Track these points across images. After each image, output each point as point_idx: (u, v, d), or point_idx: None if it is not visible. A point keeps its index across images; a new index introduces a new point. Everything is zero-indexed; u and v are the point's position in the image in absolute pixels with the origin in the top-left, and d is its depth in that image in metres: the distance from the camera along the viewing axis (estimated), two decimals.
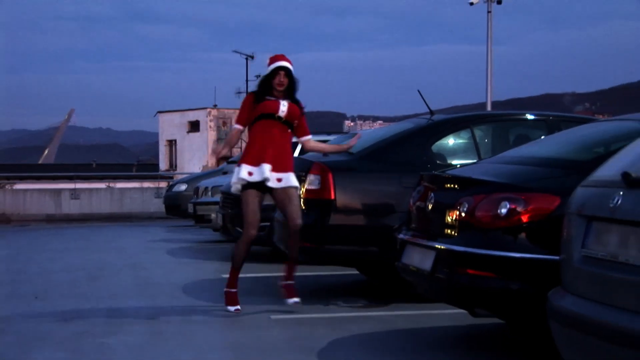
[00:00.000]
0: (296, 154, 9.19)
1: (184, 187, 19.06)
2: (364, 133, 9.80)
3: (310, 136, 7.60)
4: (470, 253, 5.27)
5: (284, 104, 7.31)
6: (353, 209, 7.61)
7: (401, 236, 6.34)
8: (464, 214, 5.38)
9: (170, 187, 20.59)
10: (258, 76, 57.65)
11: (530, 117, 8.67)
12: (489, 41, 35.65)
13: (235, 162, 16.98)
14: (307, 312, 7.10)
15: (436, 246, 5.57)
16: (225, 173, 16.74)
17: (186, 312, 7.48)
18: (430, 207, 5.84)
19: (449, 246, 5.44)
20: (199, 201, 15.22)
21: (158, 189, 25.61)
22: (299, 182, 7.46)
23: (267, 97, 7.35)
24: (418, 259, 5.83)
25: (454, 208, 5.48)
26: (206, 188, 15.32)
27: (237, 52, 56.91)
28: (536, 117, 8.61)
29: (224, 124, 48.66)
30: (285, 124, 7.34)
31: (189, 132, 49.75)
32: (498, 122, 8.65)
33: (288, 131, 7.40)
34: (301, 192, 7.61)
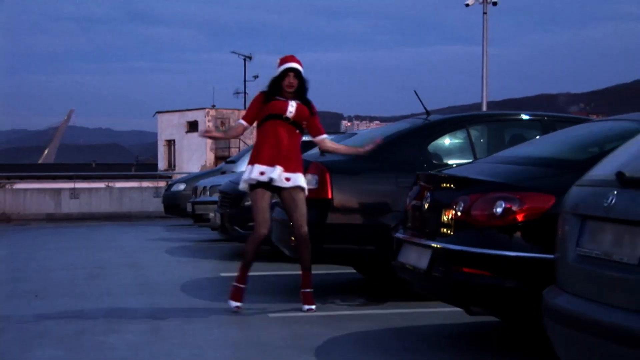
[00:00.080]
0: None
1: (182, 186, 19.05)
2: (361, 133, 9.80)
3: (325, 135, 7.53)
4: (466, 252, 5.27)
5: (292, 105, 7.27)
6: (350, 208, 7.61)
7: (398, 235, 6.35)
8: (460, 213, 5.38)
9: (169, 186, 20.58)
10: (256, 76, 57.76)
11: (526, 117, 8.68)
12: (484, 42, 35.67)
13: (234, 161, 17.02)
14: (304, 311, 7.09)
15: (432, 245, 5.57)
16: (223, 173, 16.74)
17: (185, 310, 7.48)
18: (426, 207, 5.84)
19: (445, 245, 5.44)
20: (197, 200, 15.21)
21: (157, 188, 25.59)
22: None
23: (276, 98, 7.31)
24: (414, 257, 5.84)
25: (450, 207, 5.49)
26: (204, 187, 15.32)
27: (235, 52, 56.96)
28: (531, 117, 8.61)
29: (222, 124, 48.62)
30: (293, 124, 7.30)
31: (187, 132, 49.72)
32: (494, 122, 8.65)
33: (296, 132, 7.34)
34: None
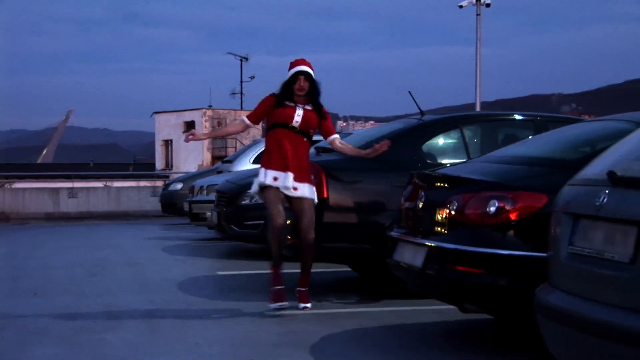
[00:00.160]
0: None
1: (179, 186, 19.02)
2: (356, 133, 9.80)
3: (335, 135, 7.39)
4: (459, 250, 5.28)
5: (299, 114, 7.15)
6: (345, 207, 7.61)
7: (392, 234, 6.35)
8: (453, 212, 5.39)
9: (166, 186, 20.55)
10: (252, 77, 57.79)
11: (518, 117, 8.68)
12: (477, 43, 35.68)
13: (230, 161, 17.01)
14: (301, 309, 7.09)
15: (427, 243, 5.58)
16: (220, 172, 16.71)
17: (182, 308, 7.47)
18: (420, 206, 5.85)
19: (439, 243, 5.45)
20: (194, 200, 15.20)
21: (154, 187, 25.54)
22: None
23: (286, 103, 7.20)
24: (409, 256, 5.84)
25: (444, 206, 5.49)
26: (201, 187, 15.30)
27: (232, 54, 57.00)
28: (524, 118, 8.62)
29: (219, 124, 48.61)
30: (300, 133, 7.18)
31: (184, 132, 49.71)
32: (487, 122, 8.66)
33: (304, 140, 7.21)
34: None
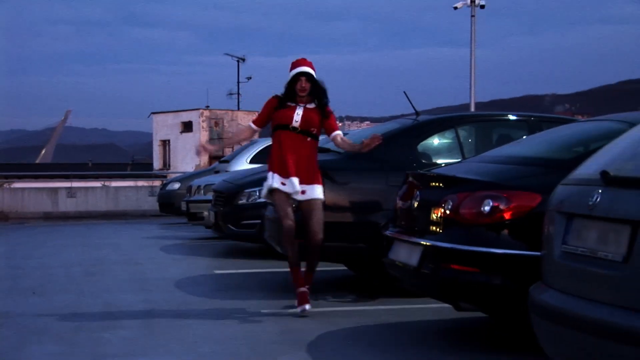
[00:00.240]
0: None
1: (177, 185, 19.01)
2: (352, 133, 9.78)
3: (336, 132, 7.24)
4: (454, 249, 5.28)
5: (299, 114, 7.08)
6: (342, 206, 7.60)
7: (388, 233, 6.35)
8: (448, 212, 5.39)
9: (164, 185, 20.54)
10: (249, 78, 57.78)
11: (513, 117, 8.69)
12: (472, 44, 35.69)
13: (227, 161, 17.01)
14: (297, 306, 7.09)
15: (422, 242, 5.57)
16: (217, 172, 16.70)
17: (180, 307, 7.46)
18: (416, 205, 5.84)
19: (434, 242, 5.45)
20: (191, 199, 15.19)
21: (152, 187, 25.52)
22: None
23: (288, 103, 7.14)
24: (404, 254, 5.84)
25: (439, 206, 5.49)
26: (199, 186, 15.29)
27: (229, 54, 56.90)
28: (518, 118, 8.62)
29: (216, 124, 48.57)
30: (303, 133, 7.10)
31: (182, 132, 49.61)
32: (481, 123, 8.66)
33: (307, 140, 7.12)
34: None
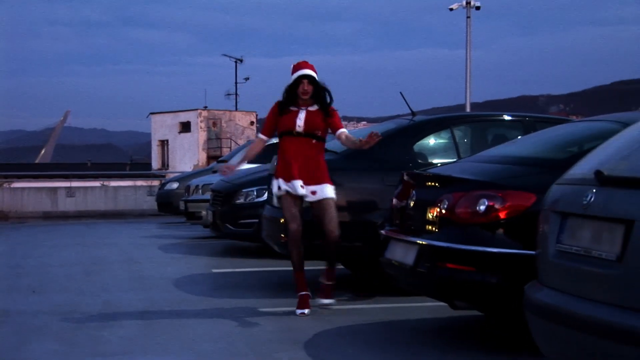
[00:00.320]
0: None
1: (175, 185, 19.01)
2: (350, 133, 9.77)
3: (341, 130, 7.17)
4: (450, 248, 5.27)
5: (301, 118, 7.03)
6: (339, 206, 7.58)
7: (384, 232, 6.35)
8: (444, 211, 5.38)
9: (162, 185, 20.54)
10: (247, 78, 57.82)
11: (508, 117, 8.69)
12: (468, 45, 35.73)
13: (225, 161, 17.00)
14: (294, 305, 7.08)
15: (418, 242, 5.57)
16: (215, 172, 16.70)
17: (177, 305, 7.46)
18: (412, 204, 5.84)
19: (430, 241, 5.44)
20: (189, 199, 15.19)
21: (150, 187, 25.52)
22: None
23: (290, 108, 7.10)
24: (400, 253, 5.83)
25: (434, 205, 5.49)
26: (197, 186, 15.29)
27: (227, 55, 57.06)
28: (513, 118, 8.62)
29: (214, 124, 48.59)
30: (307, 136, 7.05)
31: (180, 132, 49.69)
32: (477, 123, 8.66)
33: (313, 142, 7.07)
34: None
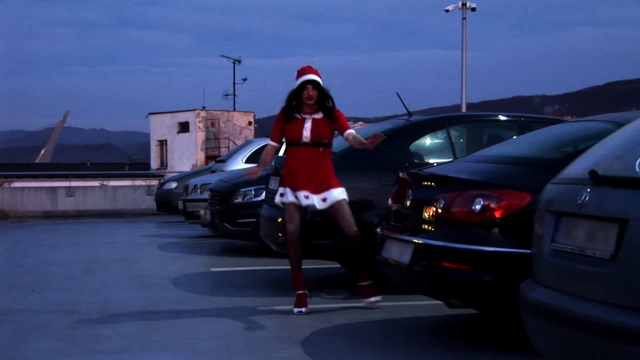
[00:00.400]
0: (281, 153, 9.12)
1: (174, 185, 18.99)
2: None
3: (349, 131, 7.10)
4: (446, 247, 5.28)
5: (307, 128, 7.00)
6: None
7: (380, 231, 6.35)
8: (440, 210, 5.39)
9: (161, 185, 20.52)
10: (245, 79, 57.78)
11: (503, 118, 8.69)
12: (463, 46, 35.74)
13: (223, 161, 16.98)
14: (292, 303, 7.09)
15: (414, 241, 5.57)
16: (213, 171, 16.70)
17: (176, 304, 7.46)
18: (408, 204, 5.84)
19: (426, 240, 5.45)
20: (188, 198, 15.17)
21: (149, 186, 25.48)
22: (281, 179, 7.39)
23: (295, 116, 7.08)
24: (397, 252, 5.84)
25: (431, 204, 5.49)
26: (195, 186, 15.28)
27: (225, 56, 57.07)
28: (508, 118, 8.63)
29: (212, 124, 48.54)
30: (314, 145, 7.01)
31: (179, 132, 49.63)
32: (472, 123, 8.67)
33: (319, 150, 7.03)
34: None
